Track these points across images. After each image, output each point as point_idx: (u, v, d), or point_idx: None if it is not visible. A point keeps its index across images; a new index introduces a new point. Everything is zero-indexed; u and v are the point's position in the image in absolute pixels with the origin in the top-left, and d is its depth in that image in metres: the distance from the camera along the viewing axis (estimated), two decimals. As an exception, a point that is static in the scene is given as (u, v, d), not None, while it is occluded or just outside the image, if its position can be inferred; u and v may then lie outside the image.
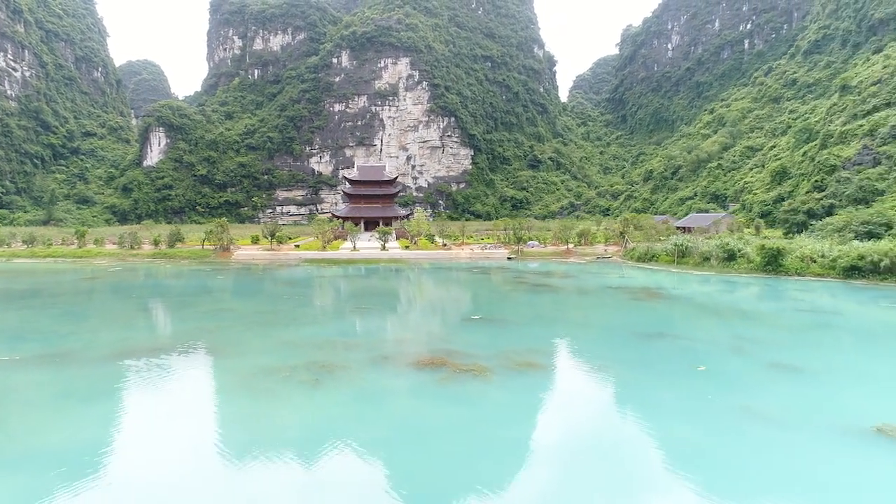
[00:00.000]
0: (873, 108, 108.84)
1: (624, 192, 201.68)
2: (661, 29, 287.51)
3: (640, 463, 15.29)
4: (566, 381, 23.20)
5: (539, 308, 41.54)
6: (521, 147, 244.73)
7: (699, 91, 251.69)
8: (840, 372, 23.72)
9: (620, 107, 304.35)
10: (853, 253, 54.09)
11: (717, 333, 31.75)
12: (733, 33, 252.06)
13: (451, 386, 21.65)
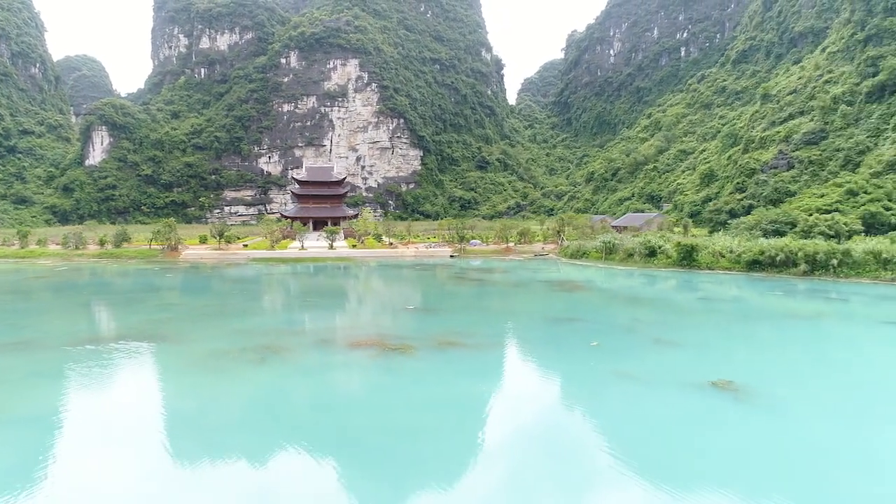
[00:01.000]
0: (789, 116, 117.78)
1: (567, 192, 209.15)
2: (603, 35, 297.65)
3: (529, 408, 19.32)
4: (480, 354, 27.12)
5: (469, 299, 45.60)
6: (470, 148, 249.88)
7: (639, 96, 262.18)
8: (705, 346, 28.51)
9: (566, 110, 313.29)
10: (755, 249, 60.24)
11: (619, 317, 36.38)
12: (671, 41, 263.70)
13: (380, 360, 25.31)
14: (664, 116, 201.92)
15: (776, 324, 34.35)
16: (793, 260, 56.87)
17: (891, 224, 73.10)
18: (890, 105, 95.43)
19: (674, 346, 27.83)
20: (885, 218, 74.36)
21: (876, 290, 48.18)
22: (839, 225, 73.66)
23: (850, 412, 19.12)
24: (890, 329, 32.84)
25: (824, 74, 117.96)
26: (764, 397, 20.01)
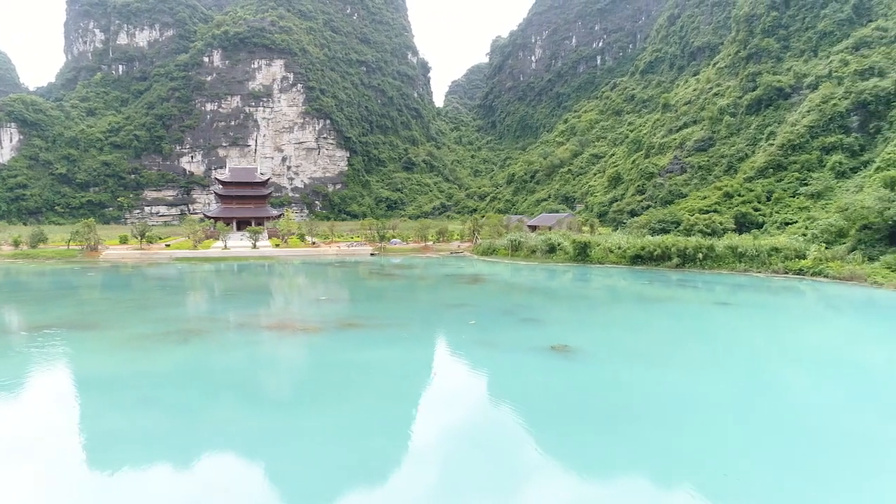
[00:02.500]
0: (684, 125, 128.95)
1: (490, 193, 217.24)
2: (525, 42, 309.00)
3: (407, 367, 24.50)
4: (375, 331, 32.10)
5: (378, 291, 50.58)
6: (397, 150, 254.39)
7: (559, 101, 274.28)
8: (562, 322, 34.69)
9: (491, 113, 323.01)
10: (637, 245, 68.15)
11: (503, 303, 42.28)
12: (588, 50, 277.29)
13: (288, 338, 29.94)
14: (579, 122, 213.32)
15: (628, 305, 41.18)
16: (668, 254, 65.01)
17: (758, 223, 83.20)
18: (765, 117, 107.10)
19: (537, 322, 33.78)
20: (753, 218, 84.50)
21: (729, 278, 56.53)
22: (715, 224, 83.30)
23: (650, 363, 25.37)
24: (716, 308, 40.24)
25: (714, 87, 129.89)
26: (585, 354, 26.06)
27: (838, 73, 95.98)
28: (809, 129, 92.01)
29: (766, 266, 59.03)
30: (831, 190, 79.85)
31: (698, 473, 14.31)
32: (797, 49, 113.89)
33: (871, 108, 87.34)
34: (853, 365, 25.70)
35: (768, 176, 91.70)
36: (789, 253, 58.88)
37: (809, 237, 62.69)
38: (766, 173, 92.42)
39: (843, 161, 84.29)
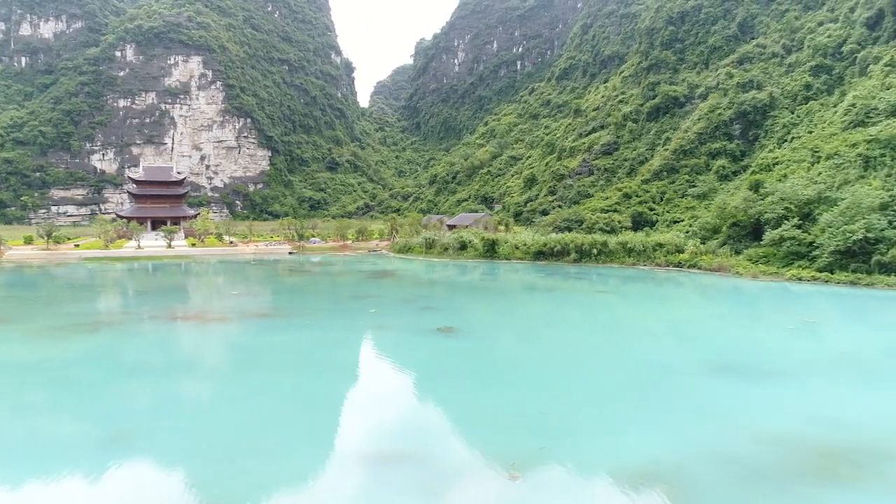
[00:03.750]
0: (592, 130, 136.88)
1: (413, 193, 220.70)
2: (448, 45, 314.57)
3: (312, 348, 27.32)
4: (282, 320, 34.72)
5: (290, 286, 52.92)
6: (320, 149, 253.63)
7: (481, 104, 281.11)
8: (454, 308, 38.47)
9: (415, 114, 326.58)
10: (540, 242, 73.29)
11: (406, 294, 45.71)
12: (508, 54, 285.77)
13: (200, 327, 32.15)
14: (499, 125, 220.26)
15: (520, 294, 45.55)
16: (567, 250, 70.41)
17: (652, 221, 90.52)
18: (662, 124, 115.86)
19: (432, 310, 37.36)
20: (648, 216, 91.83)
21: (619, 271, 62.25)
22: (614, 222, 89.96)
23: (520, 339, 29.36)
24: (595, 295, 45.23)
25: (619, 95, 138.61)
26: (466, 333, 29.79)
27: (724, 85, 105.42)
28: (699, 135, 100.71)
29: (651, 260, 65.30)
30: (715, 191, 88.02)
31: (526, 413, 18.00)
32: (691, 61, 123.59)
33: (750, 118, 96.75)
34: (689, 335, 30.62)
35: (662, 178, 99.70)
36: (671, 248, 65.36)
37: (690, 234, 69.64)
38: (660, 176, 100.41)
39: (726, 165, 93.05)
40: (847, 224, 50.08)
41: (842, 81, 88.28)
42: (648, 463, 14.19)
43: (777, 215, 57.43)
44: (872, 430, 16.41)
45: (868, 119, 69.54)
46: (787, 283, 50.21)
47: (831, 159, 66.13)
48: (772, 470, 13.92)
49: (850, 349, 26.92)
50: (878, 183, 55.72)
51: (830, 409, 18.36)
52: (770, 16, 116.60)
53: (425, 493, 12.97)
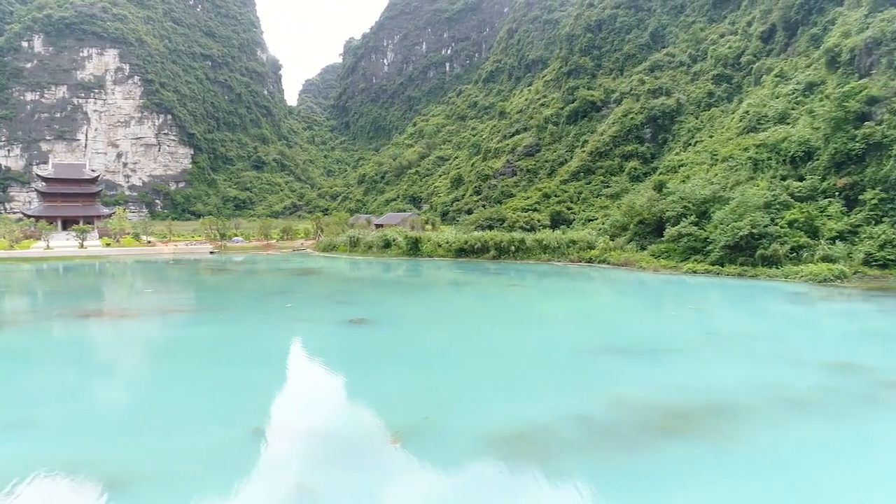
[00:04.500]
0: (516, 132, 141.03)
1: (342, 193, 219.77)
2: (378, 45, 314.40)
3: (227, 340, 27.88)
4: (195, 315, 34.99)
5: (208, 283, 52.66)
6: (245, 148, 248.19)
7: (410, 104, 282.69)
8: (369, 302, 39.70)
9: (344, 113, 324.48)
10: (462, 239, 75.46)
11: (325, 290, 46.58)
12: (437, 56, 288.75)
13: (110, 323, 32.03)
14: (427, 125, 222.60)
15: (435, 289, 47.30)
16: (486, 247, 72.85)
17: (569, 220, 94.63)
18: (581, 127, 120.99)
19: (348, 304, 38.45)
20: (566, 215, 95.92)
21: (535, 267, 65.09)
22: (534, 221, 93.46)
23: (426, 327, 30.95)
24: (506, 288, 47.54)
25: (541, 98, 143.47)
26: (376, 324, 31.15)
27: (636, 91, 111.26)
28: (613, 138, 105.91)
29: (565, 256, 68.62)
30: (627, 191, 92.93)
31: (419, 390, 19.57)
32: (607, 68, 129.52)
33: (659, 122, 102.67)
34: (585, 321, 33.13)
35: (580, 179, 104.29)
36: (583, 244, 68.95)
37: (601, 231, 73.55)
38: (578, 176, 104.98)
39: (637, 167, 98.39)
40: (736, 221, 54.61)
41: (740, 90, 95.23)
42: (520, 426, 16.01)
43: (677, 213, 61.83)
44: (715, 394, 18.95)
45: (759, 125, 75.58)
46: (684, 275, 54.20)
47: (726, 162, 71.56)
48: (623, 427, 16.05)
49: (717, 330, 30.07)
50: (765, 184, 60.90)
51: (686, 378, 20.89)
52: (679, 27, 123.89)
53: (312, 461, 14.28)
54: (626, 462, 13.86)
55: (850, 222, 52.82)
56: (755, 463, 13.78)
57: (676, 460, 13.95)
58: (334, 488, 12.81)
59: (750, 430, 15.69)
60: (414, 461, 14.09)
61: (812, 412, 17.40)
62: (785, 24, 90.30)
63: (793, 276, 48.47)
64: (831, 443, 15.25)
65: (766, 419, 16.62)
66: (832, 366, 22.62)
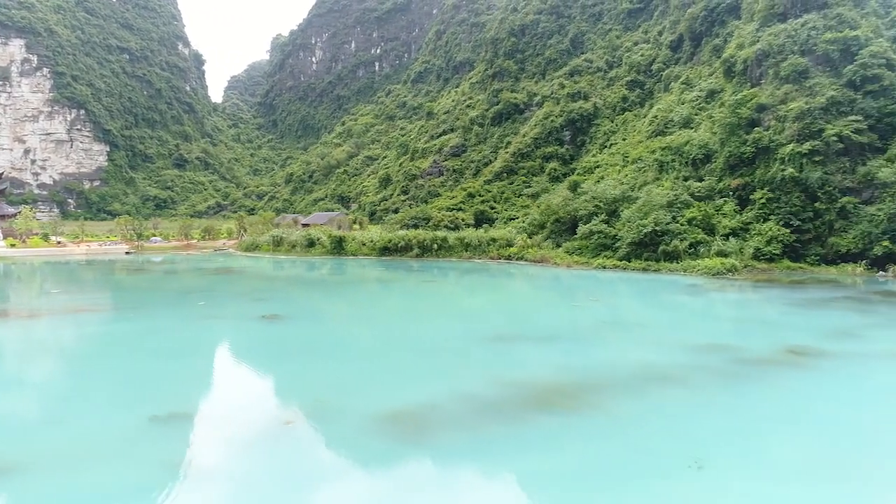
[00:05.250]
0: (443, 132, 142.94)
1: (269, 192, 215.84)
2: (306, 42, 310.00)
3: (123, 336, 27.74)
4: (102, 314, 34.42)
5: (121, 283, 51.42)
6: (167, 145, 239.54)
7: (340, 103, 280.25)
8: (284, 299, 40.19)
9: (272, 111, 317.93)
10: (386, 238, 76.38)
11: (242, 288, 46.57)
12: (366, 55, 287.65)
13: (14, 322, 31.14)
14: (356, 125, 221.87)
15: (353, 286, 48.13)
16: (410, 246, 74.08)
17: (492, 219, 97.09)
18: (505, 128, 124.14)
19: (263, 301, 38.72)
20: (489, 214, 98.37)
21: (456, 264, 66.81)
22: (458, 220, 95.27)
23: (342, 323, 31.78)
24: (424, 285, 48.92)
25: (467, 100, 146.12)
26: (290, 319, 31.75)
27: (557, 95, 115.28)
28: (535, 140, 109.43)
29: (486, 253, 70.79)
30: (547, 191, 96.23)
31: (317, 377, 20.51)
32: (530, 71, 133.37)
33: (578, 125, 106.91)
34: (492, 313, 34.84)
35: (503, 179, 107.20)
36: (502, 242, 71.32)
37: (521, 229, 76.16)
38: (501, 177, 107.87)
39: (557, 168, 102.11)
40: (641, 219, 58.08)
41: (651, 95, 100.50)
42: (408, 406, 17.25)
43: (589, 212, 65.02)
44: (593, 373, 20.85)
45: (666, 129, 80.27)
46: (594, 270, 57.21)
47: (635, 164, 75.72)
48: (506, 403, 17.55)
49: (609, 319, 32.44)
50: (669, 184, 64.95)
51: (571, 361, 22.75)
52: (597, 33, 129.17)
53: (206, 443, 15.01)
54: (502, 432, 15.31)
55: (742, 220, 57.25)
56: (610, 428, 15.57)
57: (546, 429, 15.53)
58: (224, 466, 13.62)
59: (614, 402, 17.54)
60: (303, 439, 15.08)
61: (673, 386, 19.50)
62: (691, 35, 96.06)
63: (691, 270, 52.14)
64: (681, 410, 17.29)
65: (631, 393, 18.56)
66: (704, 347, 25.09)
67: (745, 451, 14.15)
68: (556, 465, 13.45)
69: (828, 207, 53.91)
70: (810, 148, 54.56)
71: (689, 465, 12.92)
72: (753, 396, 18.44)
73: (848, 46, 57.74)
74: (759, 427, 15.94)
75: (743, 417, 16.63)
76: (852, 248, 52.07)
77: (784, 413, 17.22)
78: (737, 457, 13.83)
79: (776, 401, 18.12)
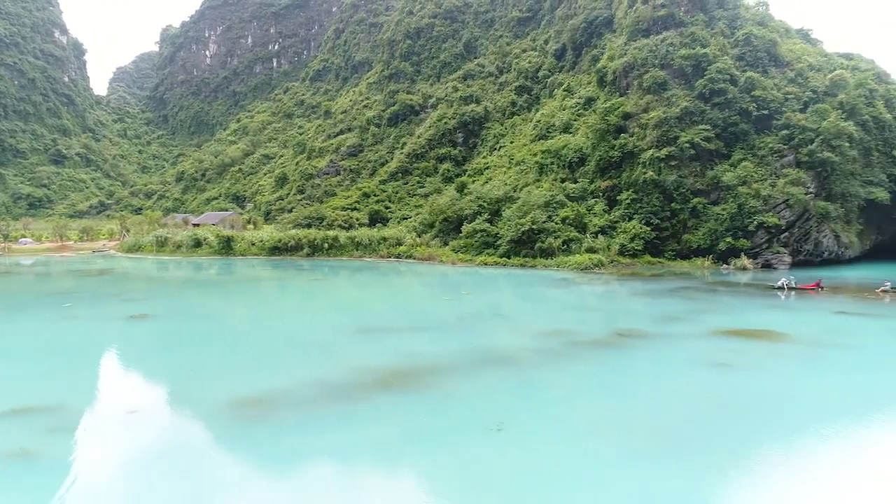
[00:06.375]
0: (340, 132, 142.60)
1: (158, 191, 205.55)
2: (199, 35, 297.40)
3: (4, 332, 26.80)
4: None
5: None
6: (42, 140, 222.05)
7: (236, 100, 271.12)
8: (157, 299, 39.81)
9: (162, 106, 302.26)
10: (276, 238, 75.93)
11: (115, 289, 45.26)
12: (264, 51, 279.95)
13: None
14: (252, 122, 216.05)
15: (234, 285, 48.05)
16: (300, 245, 74.12)
17: (386, 219, 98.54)
18: (401, 129, 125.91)
19: (136, 301, 38.17)
20: (384, 214, 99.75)
21: (349, 263, 67.55)
22: (352, 219, 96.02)
23: (213, 320, 32.11)
24: (307, 283, 49.62)
25: (364, 100, 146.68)
26: (159, 318, 31.74)
27: (450, 98, 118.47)
28: (429, 141, 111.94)
29: (376, 252, 72.17)
30: (440, 192, 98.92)
31: (175, 369, 21.19)
32: (426, 74, 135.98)
33: (470, 128, 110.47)
34: (367, 307, 36.33)
35: (398, 179, 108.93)
36: (393, 241, 72.97)
37: (411, 229, 78.17)
38: (396, 177, 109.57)
39: (450, 168, 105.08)
40: (520, 219, 61.59)
41: (538, 101, 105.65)
42: (259, 392, 18.44)
43: (473, 212, 68.02)
44: (438, 358, 22.86)
45: (548, 133, 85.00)
46: (477, 267, 60.02)
47: (519, 165, 79.80)
48: (351, 386, 19.13)
49: (474, 311, 34.84)
50: (547, 185, 69.16)
51: (422, 348, 24.72)
52: (489, 39, 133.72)
53: (51, 432, 15.53)
54: (339, 409, 16.88)
55: (610, 219, 62.13)
56: (436, 402, 17.56)
57: (380, 405, 17.26)
58: (58, 452, 14.24)
59: (449, 381, 19.59)
60: (148, 426, 15.93)
61: (508, 366, 21.87)
62: (573, 45, 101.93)
63: (563, 266, 56.07)
64: (504, 385, 19.60)
65: (467, 373, 20.70)
66: (549, 333, 27.85)
67: (544, 417, 16.51)
68: (379, 433, 15.18)
69: (682, 207, 59.68)
70: (667, 153, 60.14)
71: (491, 429, 15.06)
72: (572, 372, 21.12)
73: (699, 62, 64.06)
74: (566, 396, 18.50)
75: (555, 390, 19.16)
76: (702, 244, 58.03)
77: (593, 384, 19.96)
78: (535, 421, 16.15)
79: (590, 375, 20.88)
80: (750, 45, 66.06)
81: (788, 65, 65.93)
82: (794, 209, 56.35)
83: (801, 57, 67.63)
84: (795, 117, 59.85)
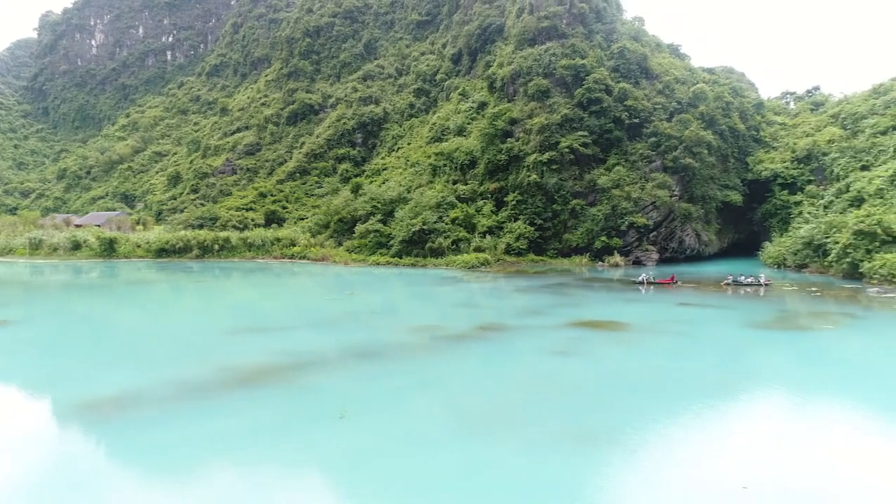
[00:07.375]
0: (237, 129, 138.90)
1: (36, 190, 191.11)
2: (83, 23, 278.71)
3: None
4: None
5: None
6: None
7: (126, 93, 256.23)
8: (18, 305, 38.07)
9: (42, 98, 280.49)
10: (163, 239, 73.54)
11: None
12: (157, 43, 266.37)
13: None
14: (143, 117, 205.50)
15: (109, 288, 46.58)
16: (189, 247, 72.26)
17: (283, 219, 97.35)
18: (300, 128, 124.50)
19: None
20: (281, 214, 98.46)
21: (241, 265, 66.78)
22: (248, 220, 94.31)
23: (78, 326, 31.33)
24: (191, 285, 48.83)
25: (262, 98, 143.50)
26: (21, 324, 30.61)
27: (350, 98, 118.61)
28: (328, 141, 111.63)
29: (269, 253, 71.64)
30: (338, 192, 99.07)
31: (31, 372, 20.96)
32: (325, 73, 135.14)
33: (369, 129, 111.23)
34: (248, 308, 36.57)
35: (296, 179, 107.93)
36: (287, 242, 72.78)
37: (307, 229, 78.07)
38: (294, 177, 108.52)
39: (349, 169, 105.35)
40: (412, 219, 63.31)
41: (435, 104, 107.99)
42: (115, 392, 18.68)
43: (367, 212, 69.06)
44: (306, 356, 23.82)
45: (443, 136, 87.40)
46: (370, 267, 61.19)
47: (414, 167, 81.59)
48: (211, 384, 19.72)
49: (354, 310, 36.01)
50: (440, 187, 71.30)
51: (292, 347, 25.55)
52: (389, 41, 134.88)
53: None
54: (193, 406, 17.53)
55: (497, 219, 65.10)
56: (290, 395, 18.60)
57: (235, 400, 18.04)
58: None
59: (306, 377, 20.66)
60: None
61: (368, 360, 23.20)
62: (468, 50, 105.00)
63: (452, 265, 58.33)
64: (359, 377, 20.93)
65: (327, 368, 21.89)
66: (417, 328, 29.48)
67: (386, 405, 17.97)
68: (230, 425, 16.03)
69: (563, 208, 63.56)
70: (549, 158, 63.82)
71: (334, 417, 16.35)
72: (427, 363, 22.81)
73: (578, 72, 68.34)
74: (412, 386, 20.07)
75: (404, 380, 20.69)
76: (580, 243, 62.12)
77: (441, 375, 21.66)
78: (377, 409, 17.56)
79: (442, 366, 22.63)
80: (624, 57, 71.16)
81: (657, 77, 71.64)
82: (660, 210, 61.54)
83: (668, 70, 73.66)
84: (662, 126, 65.28)
